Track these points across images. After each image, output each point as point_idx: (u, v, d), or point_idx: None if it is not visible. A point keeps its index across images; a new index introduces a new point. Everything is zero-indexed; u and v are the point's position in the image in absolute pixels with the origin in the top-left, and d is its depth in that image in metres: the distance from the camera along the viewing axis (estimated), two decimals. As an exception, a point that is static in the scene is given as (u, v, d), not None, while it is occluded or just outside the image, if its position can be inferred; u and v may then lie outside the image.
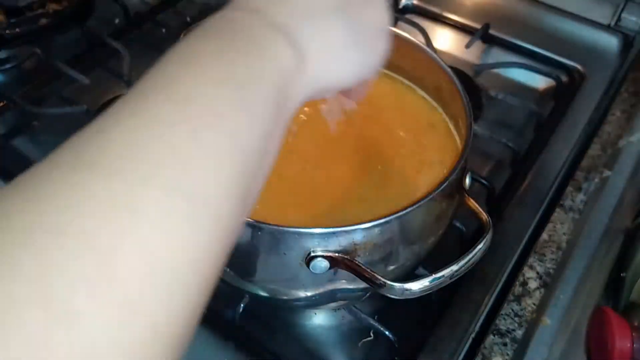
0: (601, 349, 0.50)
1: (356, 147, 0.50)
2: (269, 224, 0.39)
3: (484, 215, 0.43)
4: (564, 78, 0.79)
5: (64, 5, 0.76)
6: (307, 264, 0.39)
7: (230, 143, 0.22)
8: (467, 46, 0.81)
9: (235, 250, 0.42)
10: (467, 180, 0.46)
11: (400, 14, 0.87)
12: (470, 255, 0.40)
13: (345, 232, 0.39)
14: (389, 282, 0.38)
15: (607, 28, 0.84)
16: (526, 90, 0.79)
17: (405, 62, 0.55)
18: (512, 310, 0.54)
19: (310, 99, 0.30)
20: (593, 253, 0.57)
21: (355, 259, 0.39)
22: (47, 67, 0.76)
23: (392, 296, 0.38)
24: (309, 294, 0.44)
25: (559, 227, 0.61)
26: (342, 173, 0.48)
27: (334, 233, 0.39)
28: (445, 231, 0.47)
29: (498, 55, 0.83)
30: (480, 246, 0.40)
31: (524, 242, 0.60)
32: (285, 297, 0.46)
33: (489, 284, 0.56)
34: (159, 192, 0.19)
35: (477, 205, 0.44)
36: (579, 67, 0.80)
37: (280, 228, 0.39)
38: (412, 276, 0.46)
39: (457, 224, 0.57)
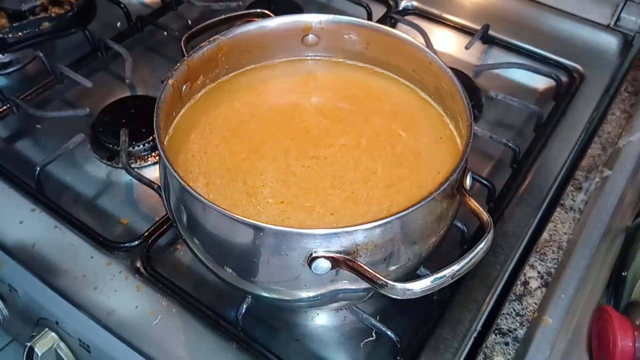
0: (603, 348, 0.50)
1: (356, 148, 0.51)
2: (271, 225, 0.39)
3: (485, 215, 0.43)
4: (564, 78, 0.79)
5: (66, 9, 0.76)
6: (309, 264, 0.40)
7: None
8: (467, 47, 0.81)
9: (237, 252, 0.43)
10: (468, 180, 0.46)
11: (400, 15, 0.87)
12: (472, 255, 0.40)
13: (347, 232, 0.39)
14: (390, 282, 0.38)
15: (606, 28, 0.85)
16: (526, 91, 0.79)
17: (406, 63, 0.55)
18: (514, 309, 0.54)
19: None
20: (594, 252, 0.57)
21: (357, 259, 0.40)
22: (50, 70, 0.77)
23: (394, 296, 0.38)
24: (311, 294, 0.44)
25: (560, 226, 0.61)
26: (341, 173, 0.48)
27: (335, 234, 0.39)
28: (446, 231, 0.47)
29: (498, 55, 0.83)
30: (481, 246, 0.40)
31: (524, 241, 0.61)
32: (287, 298, 0.46)
33: (490, 283, 0.56)
34: None
35: (477, 205, 0.44)
36: (578, 67, 0.81)
37: (282, 229, 0.39)
38: (413, 276, 0.46)
39: (458, 224, 0.57)
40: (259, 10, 0.59)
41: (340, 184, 0.48)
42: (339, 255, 0.39)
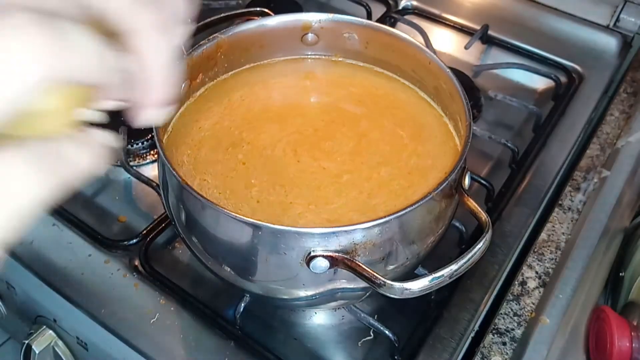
0: (600, 348, 0.50)
1: (356, 148, 0.51)
2: (270, 224, 0.39)
3: (483, 215, 0.43)
4: (563, 79, 0.79)
5: (65, 6, 0.76)
6: (307, 263, 0.40)
7: None
8: (467, 47, 0.81)
9: (235, 250, 0.43)
10: (467, 180, 0.46)
11: (399, 15, 0.87)
12: (470, 255, 0.40)
13: (345, 232, 0.39)
14: (388, 281, 0.38)
15: (605, 29, 0.85)
16: (525, 91, 0.79)
17: (405, 62, 0.55)
18: (511, 309, 0.54)
19: None
20: (592, 253, 0.57)
21: (355, 258, 0.40)
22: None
23: (392, 296, 0.38)
24: (309, 293, 0.44)
25: (558, 226, 0.61)
26: (297, 182, 0.48)
27: (334, 233, 0.39)
28: (444, 231, 0.47)
29: (497, 56, 0.83)
30: (479, 246, 0.41)
31: (523, 241, 0.61)
32: (285, 297, 0.46)
33: (488, 283, 0.56)
34: None
35: (476, 205, 0.44)
36: (577, 67, 0.81)
37: (281, 228, 0.39)
38: (411, 276, 0.46)
39: (457, 224, 0.57)
40: (258, 9, 0.59)
41: (286, 189, 0.46)
42: (337, 254, 0.39)
